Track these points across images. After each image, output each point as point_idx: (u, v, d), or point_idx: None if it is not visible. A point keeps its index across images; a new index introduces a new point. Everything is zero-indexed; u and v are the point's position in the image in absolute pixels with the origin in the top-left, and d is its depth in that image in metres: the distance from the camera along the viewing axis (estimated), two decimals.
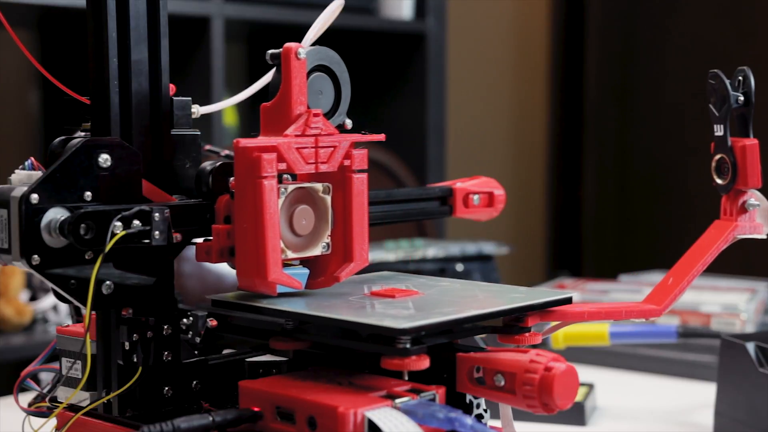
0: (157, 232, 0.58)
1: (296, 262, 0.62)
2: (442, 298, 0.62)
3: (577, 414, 0.90)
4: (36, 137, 1.97)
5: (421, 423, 0.52)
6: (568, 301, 0.62)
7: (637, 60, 2.73)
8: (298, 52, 0.60)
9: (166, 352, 0.61)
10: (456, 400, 0.59)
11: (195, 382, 0.62)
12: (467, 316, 0.57)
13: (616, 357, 1.11)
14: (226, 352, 0.65)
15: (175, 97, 0.64)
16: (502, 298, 0.62)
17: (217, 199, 0.61)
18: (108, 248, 0.56)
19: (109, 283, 0.58)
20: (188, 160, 0.64)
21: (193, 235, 0.61)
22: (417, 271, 1.14)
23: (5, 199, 0.56)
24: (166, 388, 0.61)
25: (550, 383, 0.54)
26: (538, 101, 2.82)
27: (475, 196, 0.75)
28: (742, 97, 0.67)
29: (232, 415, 0.55)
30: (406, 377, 0.56)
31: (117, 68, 0.60)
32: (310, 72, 0.62)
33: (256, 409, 0.56)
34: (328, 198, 0.62)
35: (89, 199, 0.58)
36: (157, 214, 0.58)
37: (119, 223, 0.57)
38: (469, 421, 0.52)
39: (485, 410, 0.62)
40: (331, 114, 0.64)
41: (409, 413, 0.53)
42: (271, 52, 0.61)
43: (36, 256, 0.56)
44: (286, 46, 0.60)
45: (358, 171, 0.62)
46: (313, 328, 0.59)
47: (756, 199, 0.68)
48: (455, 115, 2.39)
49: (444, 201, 0.74)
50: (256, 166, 0.58)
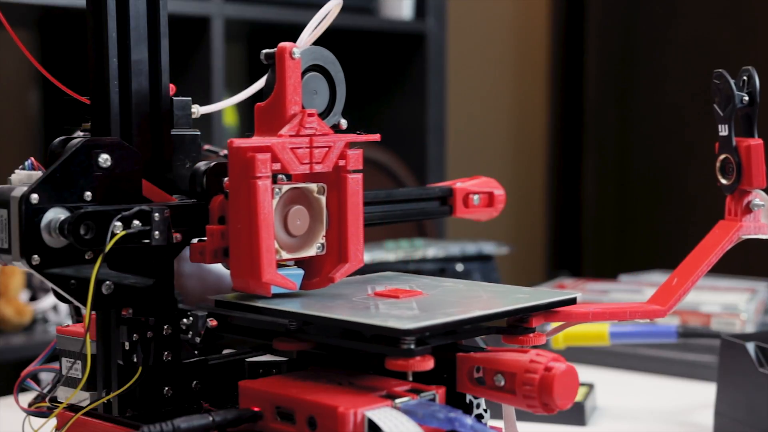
0: (157, 232, 0.58)
1: (291, 263, 0.62)
2: (446, 298, 0.62)
3: (577, 414, 0.90)
4: (36, 137, 1.97)
5: (421, 423, 0.52)
6: (573, 302, 0.62)
7: (637, 60, 2.73)
8: (293, 52, 0.60)
9: (166, 352, 0.61)
10: (456, 400, 0.59)
11: (195, 382, 0.62)
12: (471, 317, 0.57)
13: (616, 357, 1.11)
14: (226, 352, 0.65)
15: (175, 97, 0.64)
16: (506, 298, 0.62)
17: (212, 199, 0.61)
18: (108, 248, 0.56)
19: (109, 283, 0.58)
20: (188, 160, 0.64)
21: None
22: (417, 271, 1.14)
23: (5, 199, 0.56)
24: (166, 388, 0.61)
25: (550, 383, 0.54)
26: (538, 101, 2.82)
27: (475, 196, 0.75)
28: (746, 97, 0.67)
29: (232, 415, 0.55)
30: (411, 378, 0.56)
31: (117, 68, 0.60)
32: (305, 72, 0.62)
33: (256, 409, 0.56)
34: (323, 198, 0.62)
35: (89, 199, 0.58)
36: (157, 214, 0.58)
37: (119, 223, 0.57)
38: (469, 421, 0.52)
39: (485, 410, 0.62)
40: (326, 114, 0.63)
41: (409, 413, 0.53)
42: (265, 51, 0.61)
43: (36, 256, 0.56)
44: (280, 45, 0.60)
45: (353, 171, 0.62)
46: (317, 329, 0.59)
47: (761, 199, 0.68)
48: (455, 115, 2.39)
49: (444, 201, 0.74)
50: (250, 167, 0.57)
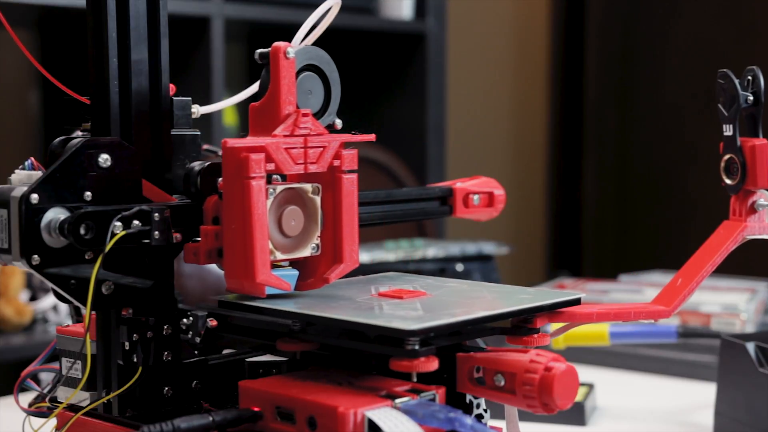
0: (157, 232, 0.58)
1: (286, 264, 0.62)
2: (450, 299, 0.62)
3: (577, 414, 0.90)
4: (36, 137, 1.97)
5: (421, 423, 0.52)
6: (577, 302, 0.62)
7: (637, 60, 2.73)
8: (287, 52, 0.60)
9: (166, 352, 0.61)
10: (456, 400, 0.59)
11: (195, 382, 0.62)
12: (476, 318, 0.57)
13: (616, 357, 1.11)
14: (226, 352, 0.65)
15: (175, 97, 0.63)
16: (510, 299, 0.62)
17: (206, 199, 0.61)
18: (108, 248, 0.56)
19: (109, 283, 0.58)
20: (188, 160, 0.64)
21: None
22: (417, 271, 1.14)
23: (5, 199, 0.56)
24: (166, 388, 0.61)
25: (550, 383, 0.54)
26: (538, 101, 2.82)
27: (475, 196, 0.75)
28: (751, 97, 0.67)
29: (232, 415, 0.55)
30: (415, 379, 0.56)
31: (117, 68, 0.60)
32: (300, 71, 0.61)
33: (256, 409, 0.56)
34: (318, 199, 0.62)
35: (89, 199, 0.58)
36: (157, 214, 0.58)
37: (119, 223, 0.57)
38: (469, 421, 0.52)
39: (485, 410, 0.61)
40: (320, 114, 0.63)
41: (409, 413, 0.53)
42: (260, 51, 0.60)
43: (36, 256, 0.56)
44: (274, 45, 0.60)
45: (348, 171, 0.61)
46: (321, 330, 0.58)
47: (765, 200, 0.68)
48: (455, 115, 2.39)
49: (444, 201, 0.74)
50: (244, 167, 0.57)
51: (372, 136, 0.63)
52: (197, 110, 0.65)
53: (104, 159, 0.59)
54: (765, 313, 1.19)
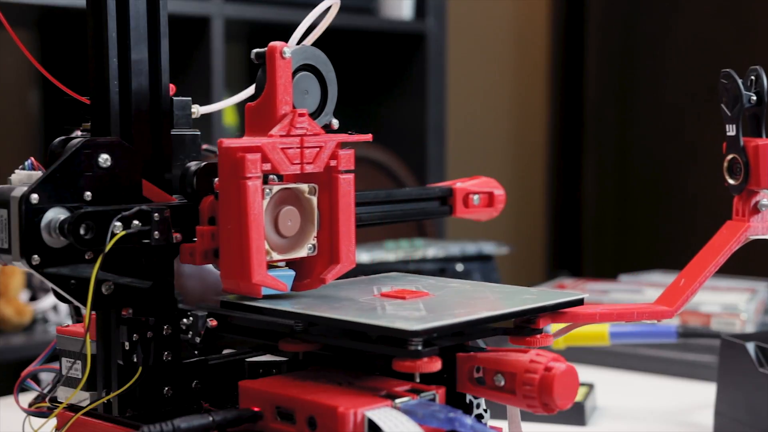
0: (157, 232, 0.58)
1: (282, 264, 0.62)
2: (453, 299, 0.62)
3: (577, 414, 0.90)
4: (36, 137, 1.97)
5: (421, 423, 0.52)
6: (580, 303, 0.62)
7: (637, 60, 2.73)
8: (283, 51, 0.59)
9: (166, 352, 0.61)
10: (456, 400, 0.59)
11: (195, 382, 0.62)
12: (479, 318, 0.57)
13: (616, 357, 1.10)
14: (226, 352, 0.65)
15: (175, 97, 0.63)
16: (513, 299, 0.61)
17: (202, 200, 0.61)
18: (108, 248, 0.56)
19: (109, 283, 0.58)
20: (188, 160, 0.64)
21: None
22: (417, 271, 1.14)
23: (5, 199, 0.56)
24: (166, 388, 0.61)
25: (550, 383, 0.54)
26: (538, 101, 2.82)
27: (475, 196, 0.75)
28: (754, 97, 0.67)
29: (232, 415, 0.55)
30: (418, 379, 0.56)
31: (117, 68, 0.60)
32: (296, 71, 0.61)
33: (256, 409, 0.56)
34: (314, 199, 0.61)
35: (89, 199, 0.58)
36: (157, 214, 0.58)
37: (119, 223, 0.57)
38: (469, 421, 0.52)
39: (485, 410, 0.61)
40: (317, 114, 0.63)
41: (409, 413, 0.53)
42: (256, 51, 0.60)
43: (36, 256, 0.56)
44: (270, 44, 0.59)
45: (345, 171, 0.61)
46: (324, 330, 0.58)
47: None
48: (455, 115, 2.39)
49: (444, 201, 0.74)
50: (239, 167, 0.57)
51: (368, 136, 0.63)
52: (197, 110, 0.65)
53: (104, 159, 0.59)
54: (765, 313, 1.19)
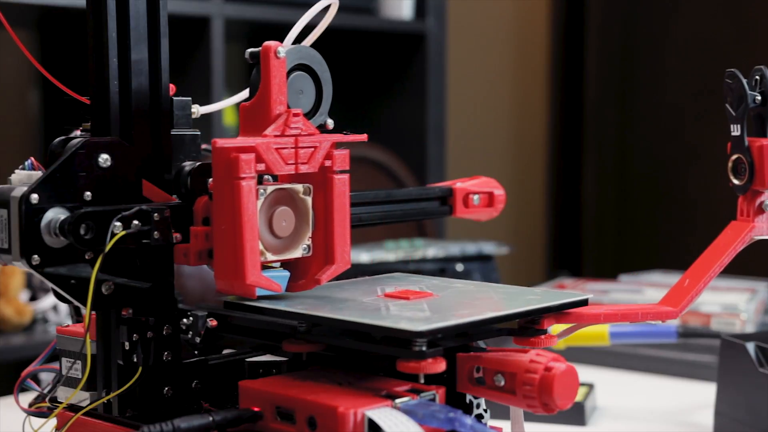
0: (157, 232, 0.58)
1: (276, 265, 0.62)
2: (457, 300, 0.61)
3: (577, 414, 0.90)
4: (36, 137, 1.97)
5: (421, 423, 0.52)
6: (584, 303, 0.62)
7: (637, 60, 2.73)
8: (277, 51, 0.59)
9: (166, 352, 0.61)
10: (456, 400, 0.59)
11: (195, 382, 0.62)
12: (483, 319, 0.56)
13: (616, 357, 1.10)
14: (226, 352, 0.65)
15: (175, 97, 0.63)
16: (517, 300, 0.61)
17: (196, 200, 0.60)
18: (108, 248, 0.56)
19: (109, 283, 0.58)
20: (188, 160, 0.64)
21: None
22: (417, 271, 1.14)
23: (5, 199, 0.56)
24: (166, 388, 0.61)
25: (550, 383, 0.54)
26: (538, 101, 2.82)
27: (475, 196, 0.75)
28: (759, 97, 0.66)
29: (232, 415, 0.55)
30: (422, 380, 0.56)
31: (117, 68, 0.60)
32: (291, 71, 0.61)
33: (256, 409, 0.56)
34: (309, 199, 0.61)
35: (89, 199, 0.58)
36: (157, 214, 0.58)
37: (119, 223, 0.57)
38: (469, 421, 0.52)
39: (485, 410, 0.61)
40: (312, 114, 0.62)
41: (409, 413, 0.53)
42: (250, 51, 0.60)
43: (36, 256, 0.56)
44: (265, 44, 0.59)
45: (340, 171, 0.61)
46: (327, 331, 0.58)
47: None
48: (455, 115, 2.39)
49: (444, 201, 0.74)
50: (233, 167, 0.57)
51: (363, 136, 0.62)
52: (197, 110, 0.65)
53: (104, 159, 0.59)
54: (765, 313, 1.19)
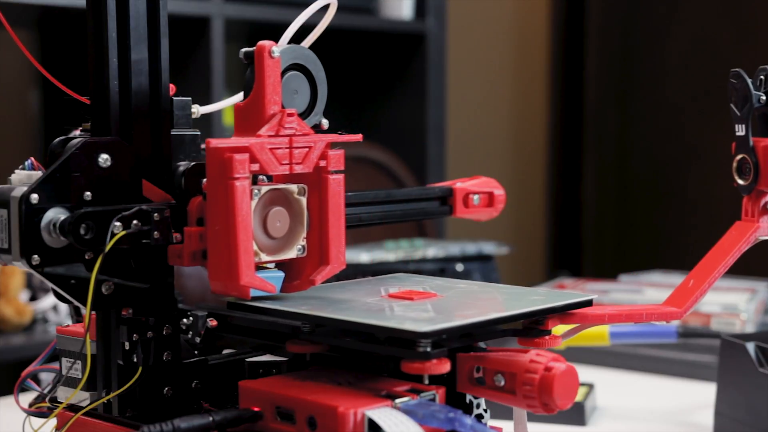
0: (157, 232, 0.58)
1: (271, 265, 0.61)
2: (461, 300, 0.61)
3: (577, 414, 0.90)
4: (36, 137, 1.97)
5: (421, 423, 0.52)
6: (589, 304, 0.62)
7: (637, 60, 2.73)
8: (272, 51, 0.59)
9: (166, 352, 0.61)
10: (456, 400, 0.59)
11: (195, 382, 0.62)
12: (488, 319, 0.56)
13: (616, 357, 1.10)
14: (226, 352, 0.65)
15: (175, 97, 0.63)
16: (521, 300, 0.61)
17: (190, 200, 0.60)
18: (108, 248, 0.56)
19: (109, 283, 0.58)
20: (188, 160, 0.64)
21: None
22: (417, 271, 1.14)
23: (5, 199, 0.56)
24: (166, 388, 0.61)
25: (550, 383, 0.54)
26: (538, 101, 2.82)
27: (475, 196, 0.75)
28: (764, 97, 0.66)
29: (232, 415, 0.55)
30: (427, 381, 0.56)
31: (117, 68, 0.60)
32: (286, 71, 0.61)
33: (256, 409, 0.56)
34: (304, 199, 0.61)
35: (89, 199, 0.58)
36: (157, 214, 0.58)
37: (119, 223, 0.57)
38: (469, 421, 0.52)
39: (485, 410, 0.61)
40: (307, 114, 0.62)
41: (409, 413, 0.53)
42: (244, 50, 0.60)
43: (36, 256, 0.56)
44: (259, 44, 0.59)
45: (335, 172, 0.60)
46: (331, 331, 0.58)
47: None
48: (455, 115, 2.39)
49: (444, 201, 0.74)
50: (227, 167, 0.56)
51: (358, 137, 0.62)
52: (197, 110, 0.65)
53: (104, 159, 0.59)
54: (765, 313, 1.19)
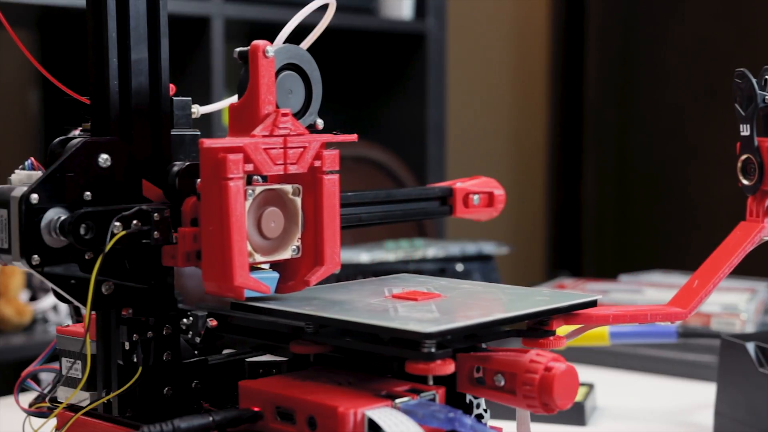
0: (157, 232, 0.58)
1: (266, 266, 0.61)
2: (465, 301, 0.61)
3: (577, 414, 0.90)
4: (36, 137, 1.97)
5: (421, 423, 0.52)
6: (593, 304, 0.62)
7: (637, 60, 2.73)
8: (266, 50, 0.58)
9: (166, 352, 0.61)
10: (456, 400, 0.59)
11: (195, 382, 0.62)
12: (493, 320, 0.56)
13: (616, 357, 1.10)
14: (226, 352, 0.65)
15: (175, 97, 0.63)
16: (526, 301, 0.61)
17: (184, 201, 0.60)
18: (108, 248, 0.56)
19: (109, 283, 0.58)
20: (188, 160, 0.64)
21: None
22: (417, 271, 1.14)
23: (5, 199, 0.56)
24: (166, 388, 0.61)
25: (550, 383, 0.54)
26: (538, 101, 2.82)
27: (475, 196, 0.75)
28: None
29: (232, 415, 0.55)
30: (431, 382, 0.56)
31: (117, 68, 0.60)
32: (280, 71, 0.60)
33: (256, 409, 0.56)
34: (298, 200, 0.60)
35: (89, 199, 0.58)
36: (157, 214, 0.58)
37: (119, 223, 0.57)
38: (469, 421, 0.52)
39: (485, 410, 0.61)
40: (301, 114, 0.62)
41: (409, 413, 0.53)
42: (238, 50, 0.59)
43: (36, 256, 0.56)
44: (253, 43, 0.59)
45: (329, 172, 0.60)
46: (334, 332, 0.58)
47: None
48: (455, 115, 2.39)
49: (444, 201, 0.74)
50: (221, 168, 0.56)
51: (354, 137, 0.62)
52: (197, 110, 0.65)
53: (104, 159, 0.59)
54: (765, 313, 1.19)
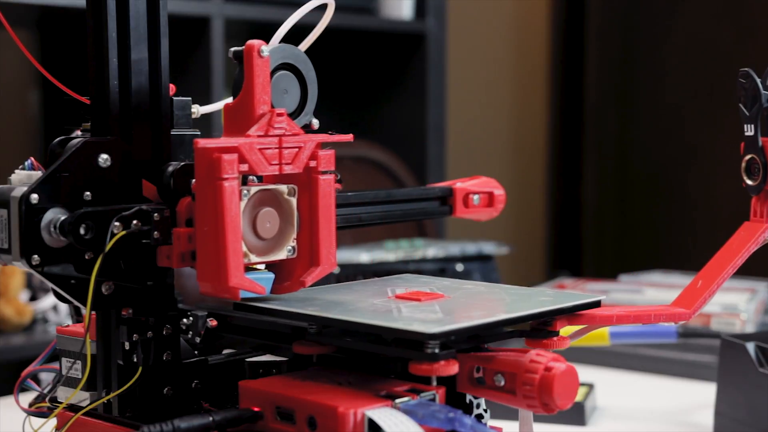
0: (157, 232, 0.58)
1: (261, 266, 0.61)
2: (469, 301, 0.61)
3: (577, 414, 0.90)
4: (36, 137, 1.97)
5: (421, 423, 0.52)
6: (597, 305, 0.62)
7: (637, 60, 2.73)
8: (261, 50, 0.58)
9: (166, 352, 0.61)
10: (456, 400, 0.59)
11: (195, 382, 0.62)
12: (497, 321, 0.56)
13: (616, 357, 1.11)
14: (226, 352, 0.65)
15: (175, 97, 0.63)
16: (529, 301, 0.61)
17: (179, 201, 0.60)
18: (108, 248, 0.56)
19: (109, 283, 0.58)
20: (188, 160, 0.64)
21: None
22: (417, 271, 1.14)
23: (5, 199, 0.56)
24: (166, 388, 0.61)
25: (550, 383, 0.54)
26: (538, 102, 2.82)
27: (475, 196, 0.75)
28: None
29: (232, 415, 0.55)
30: (435, 383, 0.56)
31: (117, 68, 0.60)
32: (275, 70, 0.60)
33: (256, 409, 0.56)
34: (294, 200, 0.60)
35: (89, 199, 0.58)
36: (157, 214, 0.58)
37: (119, 223, 0.57)
38: (469, 421, 0.52)
39: (485, 410, 0.61)
40: (297, 114, 0.62)
41: (409, 413, 0.53)
42: (233, 49, 0.59)
43: (36, 256, 0.56)
44: (248, 43, 0.58)
45: (325, 172, 0.60)
46: (338, 332, 0.58)
47: None
48: (455, 115, 2.39)
49: (444, 201, 0.74)
50: (216, 168, 0.56)
51: (349, 136, 0.62)
52: (197, 110, 0.65)
53: (104, 159, 0.59)
54: (765, 313, 1.19)
